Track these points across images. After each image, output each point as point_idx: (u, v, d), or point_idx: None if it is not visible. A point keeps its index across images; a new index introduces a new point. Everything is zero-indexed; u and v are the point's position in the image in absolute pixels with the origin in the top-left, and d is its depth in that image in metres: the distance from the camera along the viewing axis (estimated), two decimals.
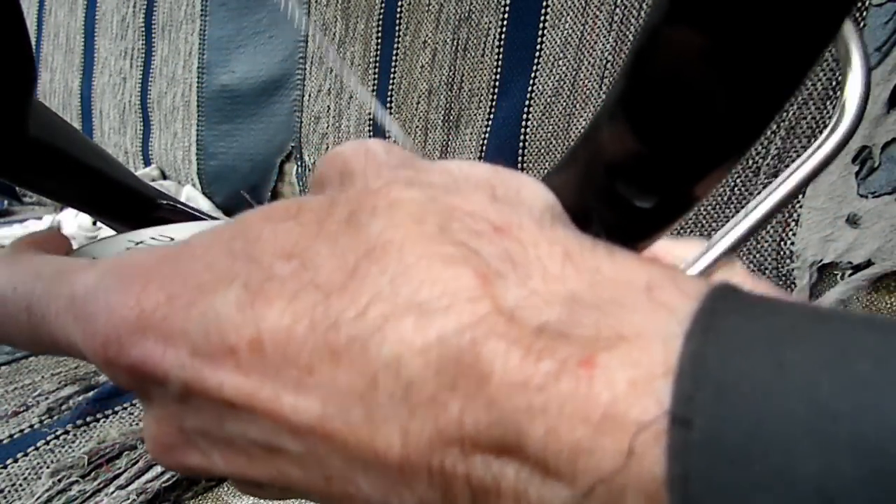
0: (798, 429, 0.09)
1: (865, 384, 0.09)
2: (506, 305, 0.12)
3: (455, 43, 0.63)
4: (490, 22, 0.60)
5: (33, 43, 1.05)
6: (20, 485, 0.42)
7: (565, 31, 0.56)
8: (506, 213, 0.13)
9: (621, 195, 0.13)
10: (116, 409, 0.49)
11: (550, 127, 0.57)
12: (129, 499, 0.40)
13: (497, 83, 0.61)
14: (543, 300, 0.12)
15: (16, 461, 0.44)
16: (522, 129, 0.59)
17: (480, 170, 0.14)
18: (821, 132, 0.43)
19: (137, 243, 0.23)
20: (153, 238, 0.23)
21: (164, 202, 0.29)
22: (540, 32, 0.57)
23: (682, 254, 0.16)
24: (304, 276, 0.13)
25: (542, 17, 0.57)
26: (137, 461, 0.43)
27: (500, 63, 0.60)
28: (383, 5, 0.68)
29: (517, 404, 0.11)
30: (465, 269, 0.12)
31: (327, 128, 0.74)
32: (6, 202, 1.11)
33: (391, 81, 0.67)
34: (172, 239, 0.23)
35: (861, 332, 0.10)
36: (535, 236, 0.13)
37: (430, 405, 0.11)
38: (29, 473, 0.43)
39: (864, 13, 0.41)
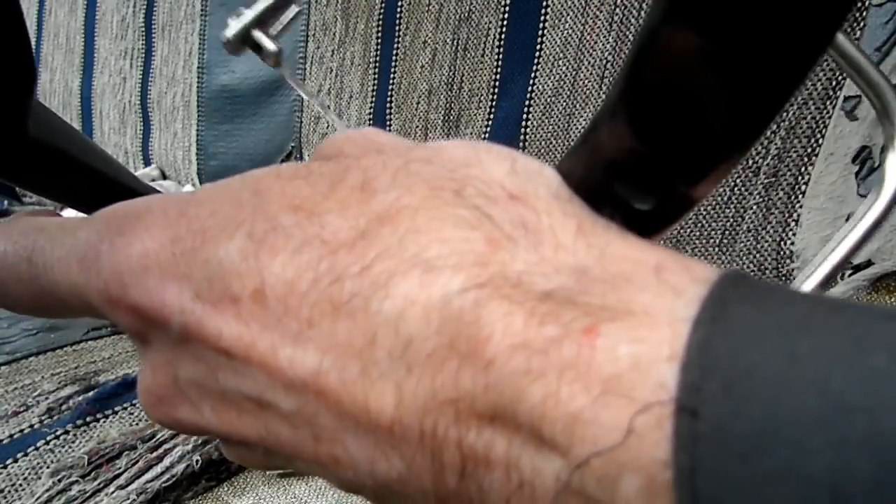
0: (811, 423, 0.08)
1: (881, 377, 0.08)
2: (513, 270, 0.11)
3: (455, 43, 0.63)
4: (490, 22, 0.60)
5: (33, 43, 1.05)
6: (20, 485, 0.42)
7: (565, 31, 0.56)
8: (522, 182, 0.13)
9: (620, 196, 0.13)
10: (116, 409, 0.49)
11: (550, 127, 0.57)
12: (129, 499, 0.40)
13: (497, 83, 0.61)
14: (552, 268, 0.11)
15: (16, 461, 0.44)
16: (522, 129, 0.59)
17: (500, 147, 0.14)
18: (821, 132, 0.43)
19: None
20: None
21: None
22: (540, 32, 0.57)
23: None
24: (310, 230, 0.13)
25: (542, 17, 0.57)
26: (137, 461, 0.43)
27: (500, 63, 0.60)
28: (383, 5, 0.68)
29: (515, 367, 0.10)
30: (475, 231, 0.12)
31: (327, 128, 0.74)
32: (6, 202, 1.11)
33: (391, 81, 0.67)
34: None
35: (878, 323, 0.09)
36: (550, 206, 0.13)
37: (428, 363, 0.11)
38: (29, 473, 0.43)
39: (864, 13, 0.41)
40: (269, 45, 0.21)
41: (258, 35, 0.21)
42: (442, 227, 0.12)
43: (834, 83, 0.43)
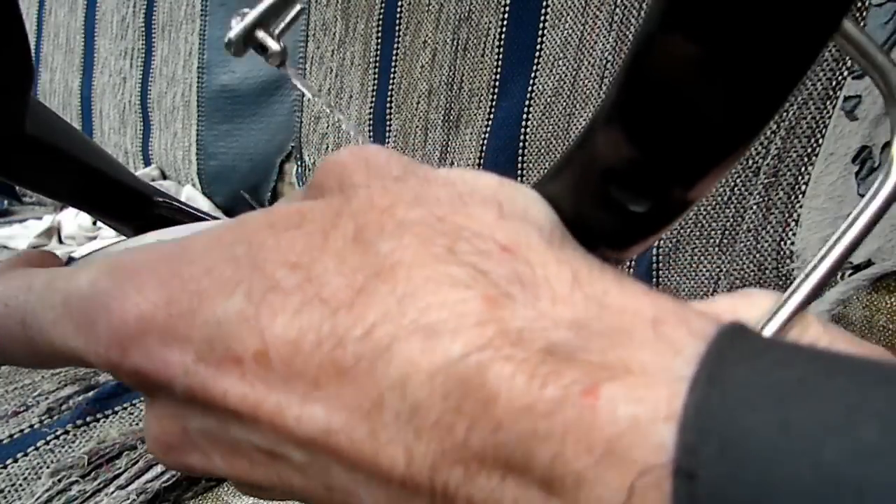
0: (802, 496, 0.09)
1: (870, 453, 0.09)
2: (513, 327, 0.12)
3: (455, 43, 0.63)
4: (490, 22, 0.60)
5: (33, 43, 1.05)
6: (20, 485, 0.42)
7: (565, 31, 0.56)
8: (513, 231, 0.13)
9: (615, 199, 0.13)
10: (116, 409, 0.49)
11: (550, 127, 0.57)
12: (129, 499, 0.40)
13: (497, 83, 0.61)
14: (552, 322, 0.12)
15: (16, 461, 0.44)
16: (522, 129, 0.59)
17: (486, 182, 0.14)
18: (821, 132, 0.43)
19: None
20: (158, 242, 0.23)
21: (163, 200, 0.29)
22: (540, 32, 0.57)
23: (748, 312, 0.15)
24: (309, 290, 0.13)
25: (542, 17, 0.57)
26: (137, 461, 0.43)
27: (500, 63, 0.60)
28: (383, 5, 0.68)
29: (524, 428, 0.11)
30: (472, 291, 0.12)
31: (327, 128, 0.74)
32: (6, 202, 1.11)
33: (391, 81, 0.67)
34: None
35: (870, 391, 0.09)
36: (544, 256, 0.13)
37: (436, 428, 0.11)
38: (29, 473, 0.43)
39: (864, 13, 0.41)
40: (273, 44, 0.20)
41: (261, 35, 0.20)
42: (438, 288, 0.12)
43: (834, 83, 0.43)
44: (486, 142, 0.62)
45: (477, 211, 0.14)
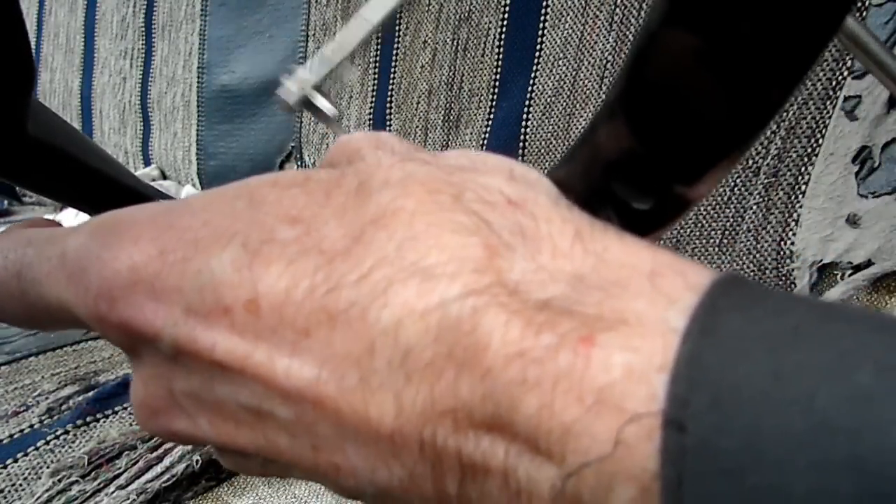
0: (794, 443, 0.08)
1: (865, 396, 0.08)
2: (511, 278, 0.11)
3: (455, 43, 0.63)
4: (490, 22, 0.60)
5: (33, 43, 1.05)
6: (20, 485, 0.42)
7: (565, 31, 0.56)
8: (522, 189, 0.13)
9: (618, 196, 0.13)
10: (116, 409, 0.49)
11: (550, 127, 0.57)
12: (129, 499, 0.40)
13: (497, 83, 0.61)
14: (549, 275, 0.12)
15: (16, 461, 0.44)
16: (522, 129, 0.59)
17: (497, 157, 0.14)
18: (821, 132, 0.43)
19: None
20: None
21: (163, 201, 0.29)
22: (540, 32, 0.57)
23: None
24: (306, 241, 0.13)
25: (542, 17, 0.57)
26: (137, 461, 0.43)
27: (500, 63, 0.60)
28: None
29: (512, 376, 0.11)
30: (474, 238, 0.12)
31: (327, 128, 0.74)
32: (6, 202, 1.11)
33: (391, 81, 0.67)
34: None
35: (865, 336, 0.09)
36: (549, 212, 0.13)
37: (427, 373, 0.11)
38: (29, 473, 0.43)
39: (864, 13, 0.41)
40: (328, 107, 0.20)
41: (315, 96, 0.20)
42: (440, 233, 0.12)
43: (834, 83, 0.43)
44: (486, 142, 0.62)
45: (488, 170, 0.14)
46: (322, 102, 0.20)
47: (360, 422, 0.12)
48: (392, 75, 0.67)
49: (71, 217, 0.90)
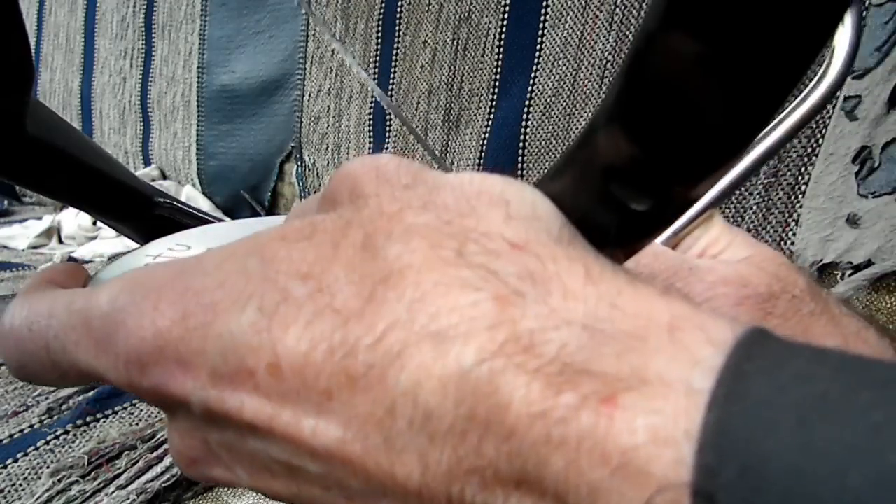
0: None
1: None
2: (526, 326, 0.11)
3: (455, 43, 0.63)
4: (490, 22, 0.60)
5: (33, 43, 1.05)
6: (20, 485, 0.42)
7: (565, 31, 0.56)
8: (523, 228, 0.13)
9: (617, 197, 0.13)
10: (116, 409, 0.49)
11: (550, 127, 0.57)
12: (129, 499, 0.40)
13: (497, 83, 0.61)
14: (563, 320, 0.12)
15: (16, 461, 0.44)
16: (522, 129, 0.59)
17: (492, 183, 0.14)
18: (821, 132, 0.43)
19: (156, 257, 0.22)
20: (170, 249, 0.23)
21: (163, 201, 0.29)
22: (540, 32, 0.57)
23: None
24: (320, 300, 0.13)
25: (542, 17, 0.57)
26: (137, 461, 0.43)
27: (500, 63, 0.60)
28: (383, 5, 0.68)
29: (537, 435, 0.11)
30: (482, 293, 0.12)
31: (327, 128, 0.74)
32: (6, 202, 1.11)
33: (391, 81, 0.67)
34: (189, 247, 0.23)
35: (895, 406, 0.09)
36: (554, 252, 0.13)
37: (449, 435, 0.11)
38: (29, 473, 0.43)
39: (865, 13, 0.41)
40: None
41: None
42: (448, 291, 0.12)
43: None
44: (486, 142, 0.62)
45: (485, 212, 0.14)
46: None
47: (387, 479, 0.12)
48: (392, 75, 0.67)
49: (71, 217, 0.91)
